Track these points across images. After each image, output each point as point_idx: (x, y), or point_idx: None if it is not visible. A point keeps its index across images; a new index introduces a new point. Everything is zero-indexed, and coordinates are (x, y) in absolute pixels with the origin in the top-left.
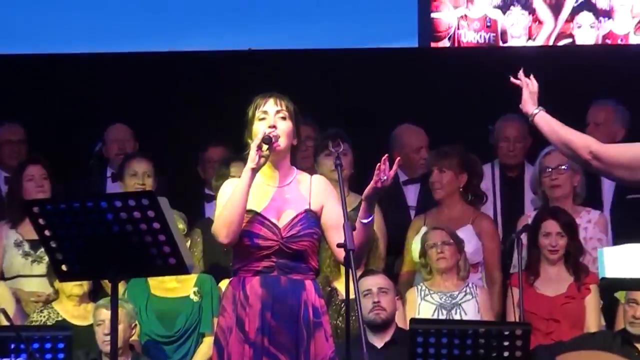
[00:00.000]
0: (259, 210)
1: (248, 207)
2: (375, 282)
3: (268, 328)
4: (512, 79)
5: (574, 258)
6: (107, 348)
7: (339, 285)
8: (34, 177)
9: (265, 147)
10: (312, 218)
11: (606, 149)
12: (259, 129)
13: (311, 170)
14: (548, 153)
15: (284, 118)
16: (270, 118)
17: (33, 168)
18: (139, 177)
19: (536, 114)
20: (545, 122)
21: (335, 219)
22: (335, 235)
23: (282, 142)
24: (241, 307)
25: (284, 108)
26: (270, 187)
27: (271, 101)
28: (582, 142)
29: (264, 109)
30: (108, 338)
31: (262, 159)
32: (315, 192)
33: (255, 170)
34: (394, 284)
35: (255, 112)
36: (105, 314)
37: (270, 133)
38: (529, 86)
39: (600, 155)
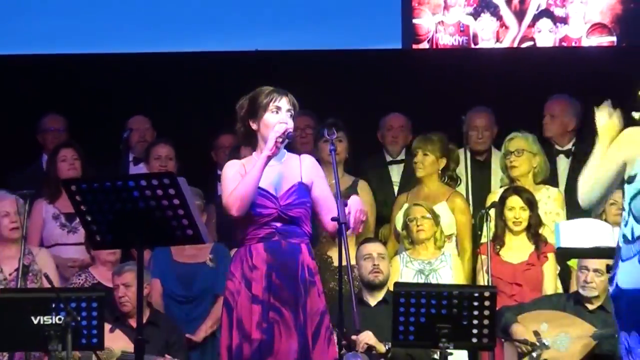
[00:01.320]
0: (260, 185)
1: None
2: (375, 248)
3: (273, 287)
4: None
5: (535, 230)
6: (123, 308)
7: (333, 253)
8: (67, 158)
9: (281, 140)
10: (304, 189)
11: (589, 174)
12: (270, 120)
13: (311, 155)
14: (511, 139)
15: (291, 116)
16: (283, 114)
17: (66, 150)
18: (162, 160)
19: None
20: None
21: (323, 194)
22: (324, 208)
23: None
24: (249, 270)
25: (292, 107)
26: (268, 166)
27: (285, 100)
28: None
29: (278, 104)
30: (123, 300)
31: (278, 150)
32: (305, 168)
33: (270, 158)
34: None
35: (270, 103)
36: (118, 279)
37: (290, 132)
38: None
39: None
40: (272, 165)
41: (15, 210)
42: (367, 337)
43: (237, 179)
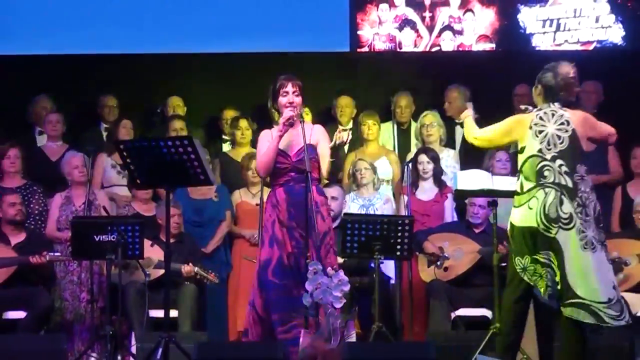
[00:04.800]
0: (280, 147)
1: None
2: (328, 192)
3: (292, 215)
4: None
5: (438, 177)
6: (173, 231)
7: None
8: (126, 127)
9: (289, 123)
10: (311, 149)
11: (482, 131)
12: (282, 101)
13: None
14: (425, 115)
15: (297, 95)
16: (290, 96)
17: (126, 121)
18: (177, 131)
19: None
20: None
21: (321, 152)
22: (322, 162)
23: (297, 110)
24: (276, 205)
25: (297, 88)
26: (287, 133)
27: (290, 84)
28: (470, 129)
29: (285, 89)
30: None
31: (286, 130)
32: (314, 134)
33: (281, 136)
34: (343, 191)
35: (280, 89)
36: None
37: (294, 116)
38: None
39: (479, 136)
40: (290, 132)
41: (82, 163)
42: None
43: (264, 145)
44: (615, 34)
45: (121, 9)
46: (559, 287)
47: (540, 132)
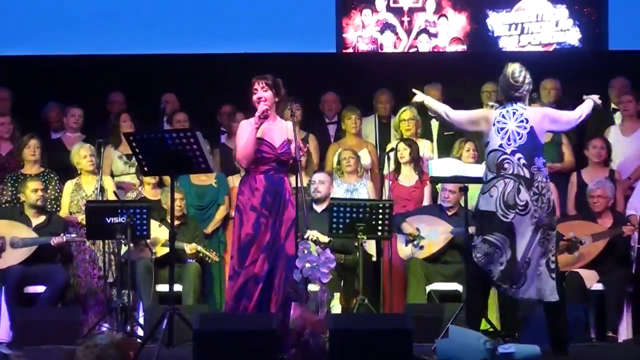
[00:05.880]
0: (265, 138)
1: (258, 136)
2: (317, 177)
3: (266, 203)
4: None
5: (415, 162)
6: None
7: (291, 179)
8: (126, 120)
9: (262, 116)
10: (290, 143)
11: (454, 112)
12: (253, 98)
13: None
14: (403, 110)
15: (265, 90)
16: (259, 92)
17: (125, 115)
18: (181, 123)
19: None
20: (430, 100)
21: (293, 147)
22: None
23: (268, 104)
24: (253, 190)
25: (265, 84)
26: (269, 125)
27: (257, 82)
28: (442, 107)
29: (255, 87)
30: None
31: (261, 123)
32: (290, 130)
33: (257, 129)
34: (329, 176)
35: (252, 88)
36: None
37: (265, 111)
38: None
39: (450, 116)
40: (271, 126)
41: (90, 153)
42: (313, 233)
43: (244, 137)
44: (573, 36)
45: (125, 14)
46: (502, 267)
47: (502, 129)
